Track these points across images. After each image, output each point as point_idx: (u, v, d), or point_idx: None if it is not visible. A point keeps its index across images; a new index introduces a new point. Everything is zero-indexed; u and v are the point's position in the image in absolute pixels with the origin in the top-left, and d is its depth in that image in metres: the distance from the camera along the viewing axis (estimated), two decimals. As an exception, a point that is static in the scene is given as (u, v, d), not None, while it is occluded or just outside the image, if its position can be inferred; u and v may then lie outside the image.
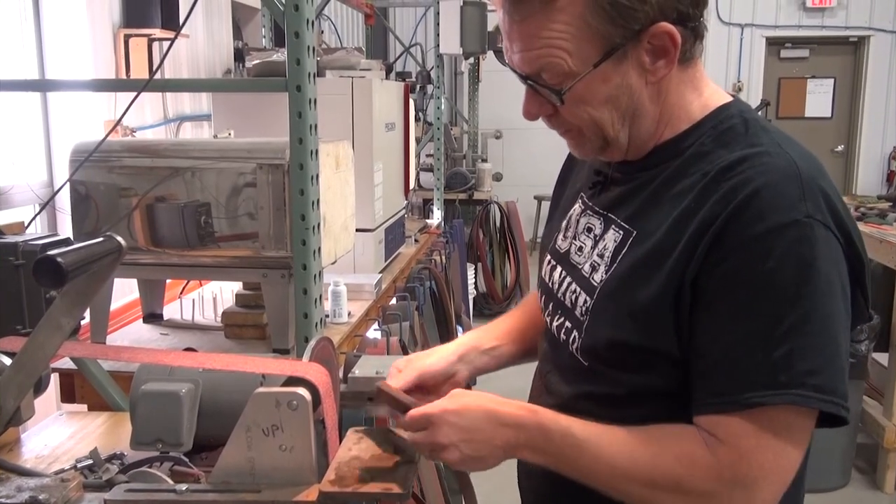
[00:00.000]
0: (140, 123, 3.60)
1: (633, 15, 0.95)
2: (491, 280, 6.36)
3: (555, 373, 1.16)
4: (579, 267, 1.11)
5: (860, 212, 4.36)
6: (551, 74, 0.99)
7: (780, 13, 8.27)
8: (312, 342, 1.16)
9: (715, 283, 0.94)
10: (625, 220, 1.06)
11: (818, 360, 0.91)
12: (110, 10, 3.44)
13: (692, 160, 1.02)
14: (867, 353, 3.43)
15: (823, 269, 0.91)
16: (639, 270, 1.00)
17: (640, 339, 0.99)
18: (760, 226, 0.91)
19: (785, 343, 0.90)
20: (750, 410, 0.91)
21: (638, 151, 1.07)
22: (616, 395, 1.04)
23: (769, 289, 0.91)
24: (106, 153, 1.99)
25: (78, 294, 1.11)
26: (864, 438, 3.75)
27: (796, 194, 0.93)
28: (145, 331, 2.27)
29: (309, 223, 1.78)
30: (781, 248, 0.90)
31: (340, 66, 3.08)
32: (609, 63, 0.97)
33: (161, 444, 1.19)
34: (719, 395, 0.94)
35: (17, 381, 1.15)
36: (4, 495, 1.03)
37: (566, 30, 0.96)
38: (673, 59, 0.99)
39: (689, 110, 1.05)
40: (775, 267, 0.90)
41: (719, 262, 0.93)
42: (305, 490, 1.01)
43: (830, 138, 8.49)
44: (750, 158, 0.96)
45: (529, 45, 0.99)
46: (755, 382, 0.91)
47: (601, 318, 1.04)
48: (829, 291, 0.92)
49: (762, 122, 1.04)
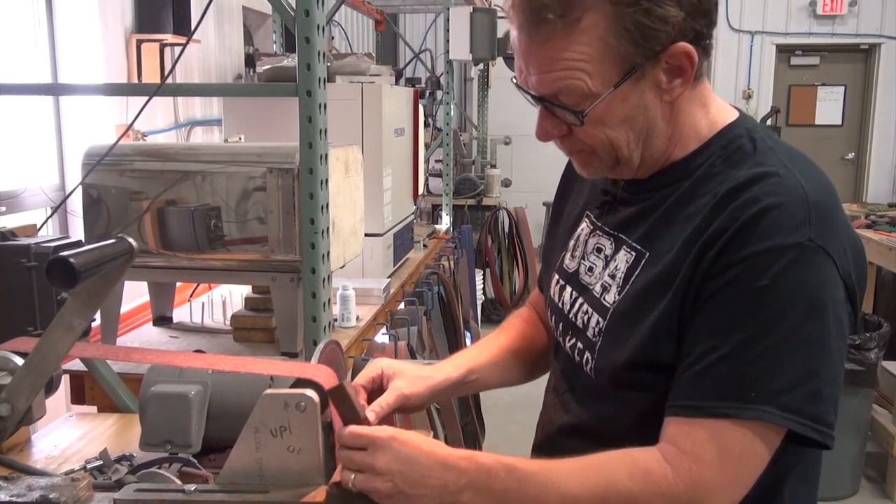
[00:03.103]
0: (151, 128, 3.62)
1: (655, 35, 0.95)
2: (499, 286, 6.36)
3: (571, 392, 1.15)
4: (590, 288, 1.11)
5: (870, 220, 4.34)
6: (570, 96, 0.98)
7: (791, 20, 8.25)
8: (321, 345, 1.16)
9: (710, 292, 0.94)
10: (637, 241, 1.06)
11: (790, 382, 0.91)
12: (123, 15, 3.46)
13: (703, 180, 1.02)
14: (876, 362, 3.41)
15: (817, 294, 0.92)
16: (651, 292, 1.00)
17: (650, 357, 0.99)
18: (763, 244, 0.92)
19: (761, 361, 0.91)
20: (715, 420, 0.92)
21: (647, 170, 1.07)
22: (632, 418, 1.03)
23: (757, 306, 0.92)
24: (118, 157, 2.01)
25: (89, 295, 1.12)
26: (873, 447, 3.73)
27: (802, 217, 0.93)
28: (155, 333, 2.28)
29: (318, 227, 1.79)
30: (778, 268, 0.91)
31: (350, 71, 3.09)
32: (628, 83, 0.97)
33: (170, 445, 1.20)
34: (688, 398, 0.94)
35: (28, 380, 1.16)
36: (15, 494, 1.04)
37: (588, 52, 0.95)
38: (689, 78, 0.99)
39: (698, 128, 1.05)
40: (768, 286, 0.91)
41: (718, 273, 0.94)
42: (313, 491, 1.02)
43: (841, 146, 8.45)
44: (759, 178, 0.96)
45: (549, 67, 0.97)
46: (726, 394, 0.92)
47: (614, 339, 1.04)
48: (817, 317, 0.92)
49: (769, 141, 1.04)
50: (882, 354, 3.44)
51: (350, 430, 0.98)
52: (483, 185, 6.27)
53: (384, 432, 0.97)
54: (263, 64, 2.93)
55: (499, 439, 3.84)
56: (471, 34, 4.85)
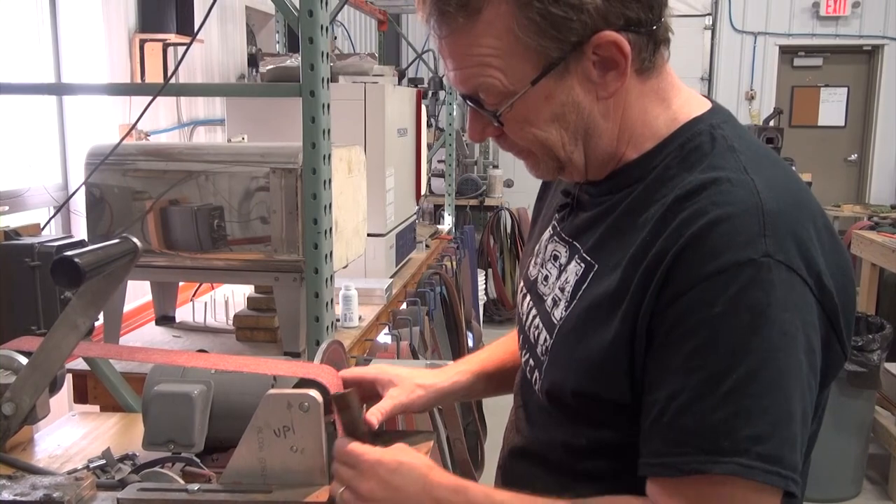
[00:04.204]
0: (154, 127, 3.63)
1: (567, 26, 0.85)
2: (501, 286, 6.35)
3: (523, 410, 1.09)
4: (544, 299, 1.02)
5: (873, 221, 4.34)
6: (488, 94, 0.91)
7: (794, 21, 8.24)
8: (323, 345, 1.16)
9: (663, 329, 0.83)
10: (587, 252, 0.96)
11: (764, 426, 0.79)
12: (126, 15, 3.47)
13: (655, 185, 0.91)
14: (879, 363, 3.41)
15: (779, 317, 0.79)
16: (594, 312, 0.90)
17: (595, 389, 0.90)
18: (711, 265, 0.80)
19: (728, 404, 0.79)
20: (687, 477, 0.81)
21: (598, 172, 0.97)
22: (575, 444, 0.96)
23: (714, 339, 0.80)
24: (121, 156, 2.01)
25: (93, 295, 1.13)
26: (875, 448, 3.72)
27: (755, 230, 0.81)
28: (158, 333, 2.29)
29: (321, 227, 1.79)
30: (732, 291, 0.79)
31: (353, 71, 3.10)
32: (549, 79, 0.88)
33: (173, 444, 1.20)
34: (658, 455, 0.83)
35: (32, 380, 1.17)
36: (19, 493, 1.04)
37: (496, 45, 0.87)
38: (624, 70, 0.88)
39: (655, 126, 0.94)
40: (722, 312, 0.79)
41: (668, 304, 0.83)
42: (316, 491, 1.02)
43: (844, 147, 8.45)
44: (707, 185, 0.85)
45: (460, 62, 0.91)
46: (694, 446, 0.80)
47: (558, 361, 0.96)
48: (783, 344, 0.80)
49: (733, 140, 0.91)
50: (885, 356, 3.44)
51: (346, 448, 0.97)
52: (485, 186, 6.28)
53: (372, 455, 0.95)
54: (267, 64, 2.94)
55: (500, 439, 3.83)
56: (473, 34, 4.84)
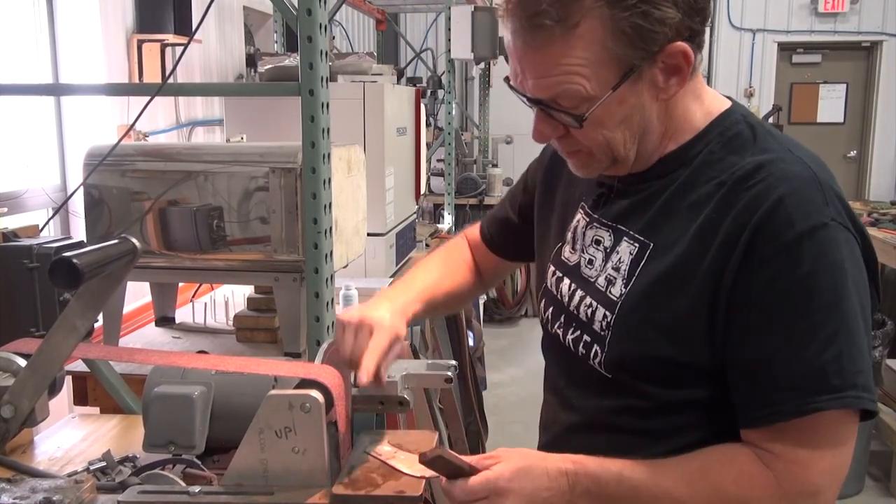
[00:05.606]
0: (152, 128, 3.62)
1: (653, 37, 0.94)
2: (501, 285, 6.35)
3: (573, 388, 1.14)
4: (592, 280, 1.10)
5: (873, 217, 4.34)
6: (568, 99, 0.98)
7: (792, 18, 8.24)
8: (324, 345, 1.16)
9: (752, 293, 0.94)
10: (638, 233, 1.05)
11: (862, 360, 0.93)
12: (124, 15, 3.46)
13: (703, 168, 1.02)
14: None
15: (851, 270, 0.94)
16: (664, 285, 1.00)
17: (671, 354, 0.99)
18: (791, 232, 0.92)
19: (832, 346, 0.91)
20: (802, 418, 0.92)
21: (642, 164, 1.07)
22: (645, 407, 1.03)
23: (808, 294, 0.92)
24: (119, 157, 2.00)
25: (92, 296, 1.12)
26: (877, 445, 3.72)
27: (819, 199, 0.94)
28: (157, 334, 2.28)
29: (321, 227, 1.78)
30: (813, 252, 0.92)
31: (352, 70, 3.09)
32: (626, 85, 0.97)
33: (174, 446, 1.19)
34: (769, 405, 0.94)
35: (31, 382, 1.16)
36: (19, 496, 1.03)
37: (586, 56, 0.95)
38: (685, 76, 0.99)
39: (693, 120, 1.05)
40: (810, 271, 0.92)
41: (754, 272, 0.94)
42: (318, 492, 1.01)
43: (843, 144, 8.45)
44: (766, 165, 0.97)
45: (547, 72, 0.97)
46: (807, 388, 0.92)
47: (626, 332, 1.03)
48: (857, 292, 0.94)
49: (767, 126, 1.05)
50: (886, 353, 3.44)
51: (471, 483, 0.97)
52: (485, 185, 6.28)
53: (494, 474, 0.97)
54: (265, 63, 2.93)
55: (501, 438, 3.84)
56: (472, 33, 4.85)
